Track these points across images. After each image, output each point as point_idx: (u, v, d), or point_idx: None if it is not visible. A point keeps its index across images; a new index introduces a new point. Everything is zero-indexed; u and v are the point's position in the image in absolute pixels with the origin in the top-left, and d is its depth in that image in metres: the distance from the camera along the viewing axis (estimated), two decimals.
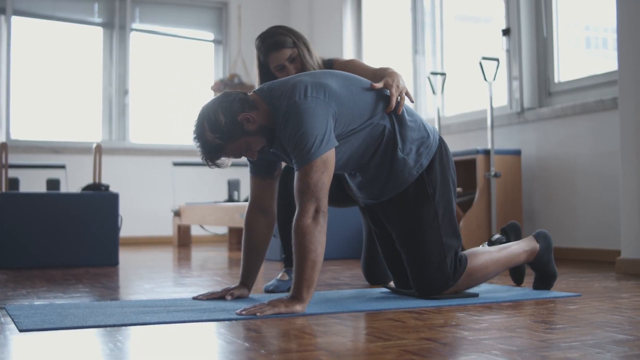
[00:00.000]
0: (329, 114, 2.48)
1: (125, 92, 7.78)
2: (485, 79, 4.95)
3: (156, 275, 3.91)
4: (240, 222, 5.80)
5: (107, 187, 4.85)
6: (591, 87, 4.75)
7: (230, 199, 6.71)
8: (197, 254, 5.77)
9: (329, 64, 3.22)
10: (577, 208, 4.64)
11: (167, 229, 7.54)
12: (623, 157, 3.73)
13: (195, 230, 7.59)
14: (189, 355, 1.71)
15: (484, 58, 4.94)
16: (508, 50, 5.24)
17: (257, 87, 3.26)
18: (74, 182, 6.87)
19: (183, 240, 7.14)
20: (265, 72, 3.19)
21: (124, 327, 2.13)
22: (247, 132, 2.51)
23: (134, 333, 2.04)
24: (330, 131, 2.46)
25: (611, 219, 4.35)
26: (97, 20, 7.85)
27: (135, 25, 7.89)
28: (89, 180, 6.71)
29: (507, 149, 4.96)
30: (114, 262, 4.63)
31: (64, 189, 6.34)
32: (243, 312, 2.32)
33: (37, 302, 2.73)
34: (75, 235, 4.56)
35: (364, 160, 2.67)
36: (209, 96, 8.18)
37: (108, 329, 2.11)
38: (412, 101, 2.83)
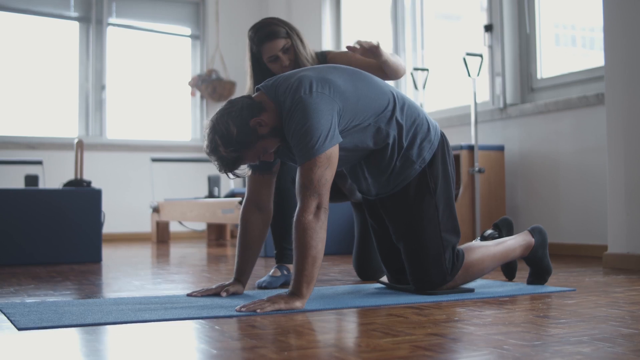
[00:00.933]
0: (334, 110, 2.46)
1: (102, 88, 7.70)
2: (469, 75, 4.96)
3: (142, 272, 3.86)
4: (221, 219, 5.77)
5: (89, 183, 4.79)
6: (574, 83, 4.78)
7: (211, 195, 6.67)
8: (178, 250, 5.72)
9: (322, 56, 3.20)
10: (560, 203, 4.67)
11: (145, 226, 7.47)
12: (610, 152, 3.76)
13: (174, 227, 7.53)
14: (195, 353, 1.69)
15: (468, 54, 4.96)
16: (490, 46, 5.25)
17: (248, 79, 3.24)
18: (51, 178, 6.79)
19: (161, 237, 7.08)
20: (257, 64, 3.16)
21: (123, 325, 2.10)
22: (261, 137, 2.49)
23: (134, 331, 2.01)
24: (335, 127, 2.45)
25: (595, 214, 4.39)
26: (73, 14, 7.75)
27: (112, 20, 7.81)
28: (66, 176, 6.64)
29: (490, 145, 4.98)
30: (96, 258, 4.57)
31: (41, 185, 6.25)
32: (243, 309, 2.29)
33: (28, 300, 2.68)
34: (57, 231, 4.50)
35: (366, 159, 2.65)
36: (186, 91, 8.13)
37: (107, 326, 2.08)
38: (375, 46, 2.97)
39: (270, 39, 3.06)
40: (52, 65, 7.63)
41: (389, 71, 3.09)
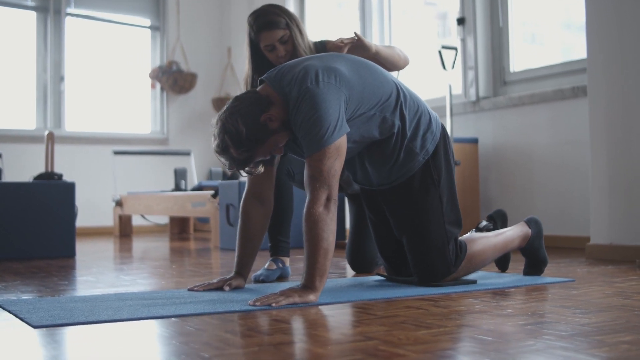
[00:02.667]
0: (341, 99, 2.43)
1: (61, 79, 7.53)
2: (444, 68, 4.98)
3: (126, 267, 3.79)
4: (191, 212, 5.70)
5: (60, 176, 4.68)
6: (546, 77, 4.84)
7: (178, 188, 6.58)
8: (147, 245, 5.63)
9: (322, 45, 3.16)
10: (535, 196, 4.72)
11: (107, 219, 7.34)
12: (593, 144, 3.81)
13: (136, 220, 7.42)
14: (237, 350, 1.65)
15: (443, 47, 4.98)
16: (463, 40, 5.28)
17: (246, 64, 3.19)
18: (11, 171, 6.62)
19: (124, 230, 6.97)
20: (255, 50, 3.11)
21: (141, 321, 2.04)
22: (272, 132, 2.44)
23: (156, 327, 1.96)
24: (343, 117, 2.42)
25: (572, 206, 4.45)
26: (31, 3, 7.56)
27: (70, 10, 7.64)
28: (26, 169, 6.49)
29: (464, 138, 5.01)
30: (70, 253, 4.46)
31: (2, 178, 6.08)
32: (257, 303, 2.26)
33: (25, 297, 2.59)
34: (29, 226, 4.38)
35: (369, 149, 2.63)
36: (146, 83, 8.01)
37: (123, 323, 2.02)
38: (355, 38, 3.03)
39: (269, 28, 3.01)
40: (8, 55, 7.43)
41: (385, 62, 3.08)
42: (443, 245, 2.65)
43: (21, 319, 2.08)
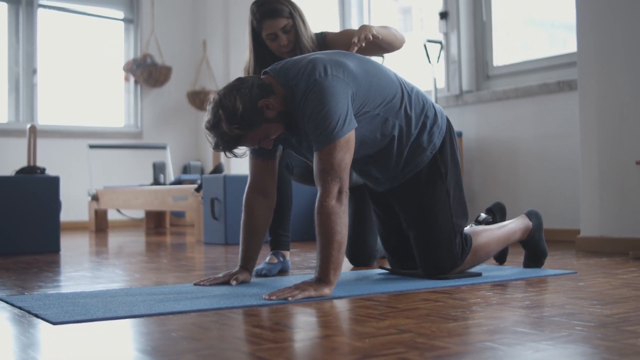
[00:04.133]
0: (349, 94, 2.43)
1: (33, 72, 7.41)
2: (429, 62, 5.00)
3: (117, 262, 3.74)
4: (172, 206, 5.66)
5: (43, 170, 4.61)
6: (530, 71, 4.89)
7: (157, 182, 6.52)
8: (126, 239, 5.57)
9: (322, 37, 3.14)
10: (520, 189, 4.77)
11: (82, 214, 7.25)
12: (583, 138, 3.85)
13: (111, 215, 7.34)
14: (266, 343, 1.63)
15: (429, 40, 4.99)
16: (445, 34, 5.31)
17: (247, 53, 3.15)
18: None
19: (100, 225, 6.89)
20: (257, 39, 3.06)
21: (160, 317, 2.02)
22: (267, 119, 2.42)
23: (175, 321, 1.93)
24: (351, 111, 2.41)
25: (555, 199, 4.50)
26: None
27: (42, 2, 7.52)
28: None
29: None
30: (55, 248, 4.40)
31: None
32: (273, 297, 2.24)
33: (27, 294, 2.55)
34: (12, 221, 4.30)
35: (377, 148, 2.62)
36: (120, 76, 7.92)
37: (143, 318, 1.99)
38: (376, 37, 2.85)
39: (272, 16, 2.97)
40: None
41: (385, 45, 3.03)
42: (450, 239, 2.66)
43: (36, 315, 2.04)
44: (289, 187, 3.20)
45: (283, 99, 2.46)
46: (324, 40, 3.11)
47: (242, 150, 2.51)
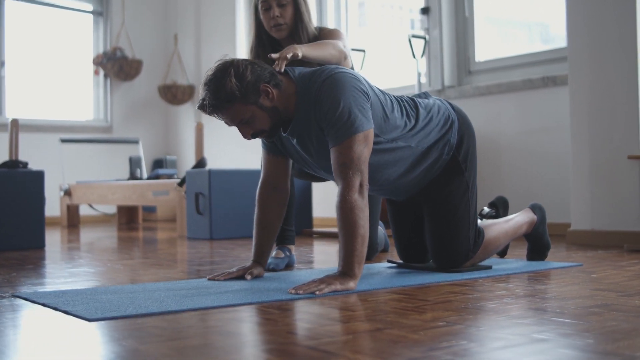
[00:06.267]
0: (368, 95, 2.46)
1: (1, 64, 7.25)
2: (413, 57, 5.03)
3: (108, 257, 3.69)
4: (152, 201, 5.60)
5: (25, 164, 4.52)
6: (511, 67, 4.94)
7: (133, 177, 6.44)
8: (102, 234, 5.49)
9: (318, 30, 3.13)
10: (503, 184, 4.82)
11: (52, 209, 7.11)
12: (573, 132, 3.92)
13: (82, 210, 7.23)
14: (323, 337, 1.63)
15: (414, 36, 5.02)
16: (427, 29, 5.34)
17: (250, 33, 3.12)
18: None
19: (72, 221, 6.79)
20: (258, 20, 3.03)
21: (192, 312, 2.00)
22: (259, 104, 2.42)
23: (213, 317, 1.91)
24: (369, 110, 2.43)
25: (540, 193, 4.56)
26: None
27: None
28: None
29: None
30: (40, 244, 4.32)
31: None
32: (300, 292, 2.24)
33: (41, 290, 2.50)
34: None
35: (396, 175, 2.65)
36: (90, 69, 7.81)
37: (178, 314, 1.97)
38: (295, 57, 2.62)
39: None
40: None
41: (319, 62, 2.85)
42: (467, 232, 2.69)
43: (65, 312, 2.00)
44: (292, 182, 3.19)
45: (286, 99, 2.46)
46: (319, 34, 3.10)
47: (222, 120, 2.47)
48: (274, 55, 2.54)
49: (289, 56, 2.50)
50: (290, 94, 2.47)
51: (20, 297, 2.31)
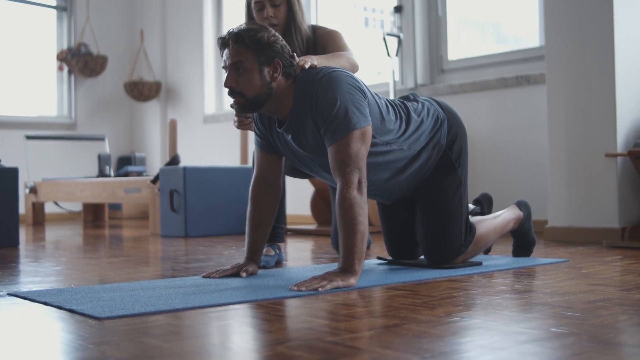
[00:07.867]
0: (365, 97, 2.47)
1: None
2: (388, 55, 5.06)
3: (89, 255, 3.65)
4: (123, 198, 5.54)
5: None
6: (484, 66, 5.01)
7: (102, 174, 6.36)
8: (69, 232, 5.42)
9: (312, 29, 3.13)
10: (478, 181, 4.88)
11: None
12: (550, 130, 3.98)
13: (47, 208, 7.13)
14: (344, 333, 1.64)
15: (388, 34, 5.05)
16: (399, 28, 5.38)
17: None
18: None
19: (37, 218, 6.69)
20: (250, 16, 3.03)
21: (199, 309, 1.99)
22: (262, 69, 2.44)
23: (223, 314, 1.91)
24: (367, 108, 2.45)
25: (514, 190, 4.63)
26: None
27: None
28: None
29: None
30: (14, 242, 4.24)
31: None
32: (302, 288, 2.25)
33: (37, 289, 2.47)
34: None
35: (387, 176, 2.67)
36: (53, 65, 7.70)
37: (187, 312, 1.96)
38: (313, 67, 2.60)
39: None
40: None
41: None
42: (459, 228, 2.72)
43: (71, 311, 1.98)
44: (283, 180, 3.19)
45: (282, 92, 2.48)
46: (314, 33, 3.11)
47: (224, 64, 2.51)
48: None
49: (306, 66, 2.51)
50: (289, 91, 2.48)
51: (17, 296, 2.28)
